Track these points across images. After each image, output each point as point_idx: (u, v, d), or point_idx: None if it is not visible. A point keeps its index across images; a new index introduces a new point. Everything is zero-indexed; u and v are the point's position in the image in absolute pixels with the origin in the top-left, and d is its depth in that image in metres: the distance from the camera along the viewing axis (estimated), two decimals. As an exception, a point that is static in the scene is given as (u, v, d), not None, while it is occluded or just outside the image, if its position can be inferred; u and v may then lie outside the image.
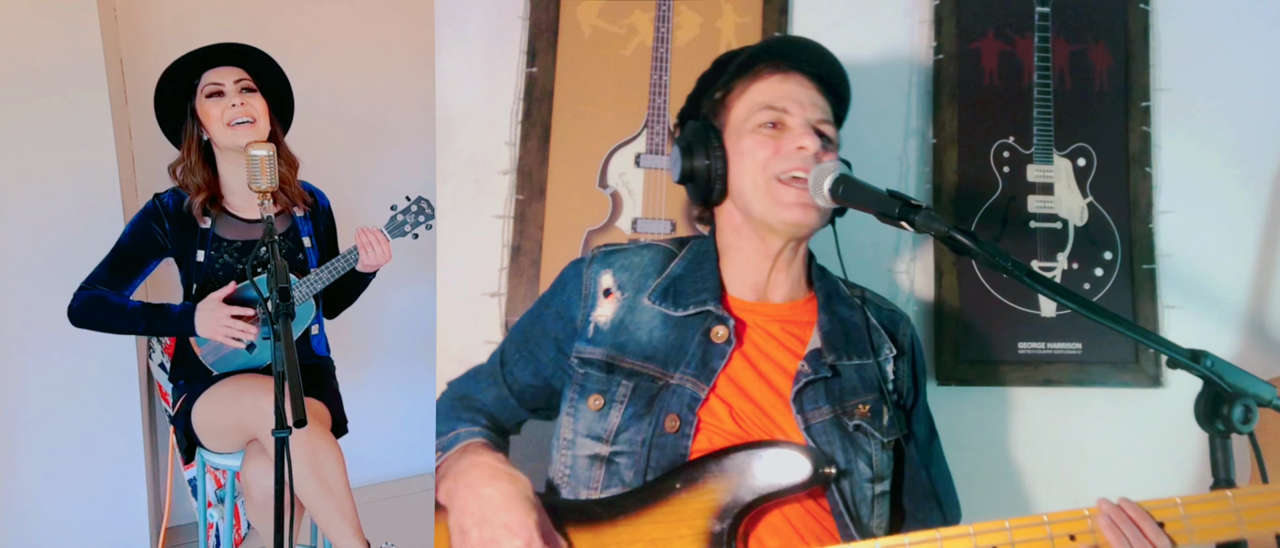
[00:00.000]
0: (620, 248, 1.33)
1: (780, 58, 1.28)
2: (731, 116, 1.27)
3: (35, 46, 2.26)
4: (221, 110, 1.91)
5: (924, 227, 1.02)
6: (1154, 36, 1.69)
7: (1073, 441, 1.64)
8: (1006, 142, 1.67)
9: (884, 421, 1.24)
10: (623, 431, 1.19)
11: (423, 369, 2.96)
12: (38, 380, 2.36)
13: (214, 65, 1.94)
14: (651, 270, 1.28)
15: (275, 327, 1.26)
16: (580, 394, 1.23)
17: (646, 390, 1.21)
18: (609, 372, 1.23)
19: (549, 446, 1.28)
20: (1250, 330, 1.67)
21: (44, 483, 2.41)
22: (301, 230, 2.06)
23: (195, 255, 1.96)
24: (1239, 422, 0.91)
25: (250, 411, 1.80)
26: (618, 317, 1.25)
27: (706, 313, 1.23)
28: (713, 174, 1.25)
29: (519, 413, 1.35)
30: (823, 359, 1.22)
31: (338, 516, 1.79)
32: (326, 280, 1.97)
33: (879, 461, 1.22)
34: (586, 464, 1.21)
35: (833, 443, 1.19)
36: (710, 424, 1.19)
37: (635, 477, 1.17)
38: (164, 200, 1.97)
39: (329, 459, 1.81)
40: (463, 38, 1.63)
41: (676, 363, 1.21)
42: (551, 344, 1.30)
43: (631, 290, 1.27)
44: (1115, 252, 1.66)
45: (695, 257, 1.29)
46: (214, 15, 2.72)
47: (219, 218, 1.98)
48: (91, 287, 1.94)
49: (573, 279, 1.31)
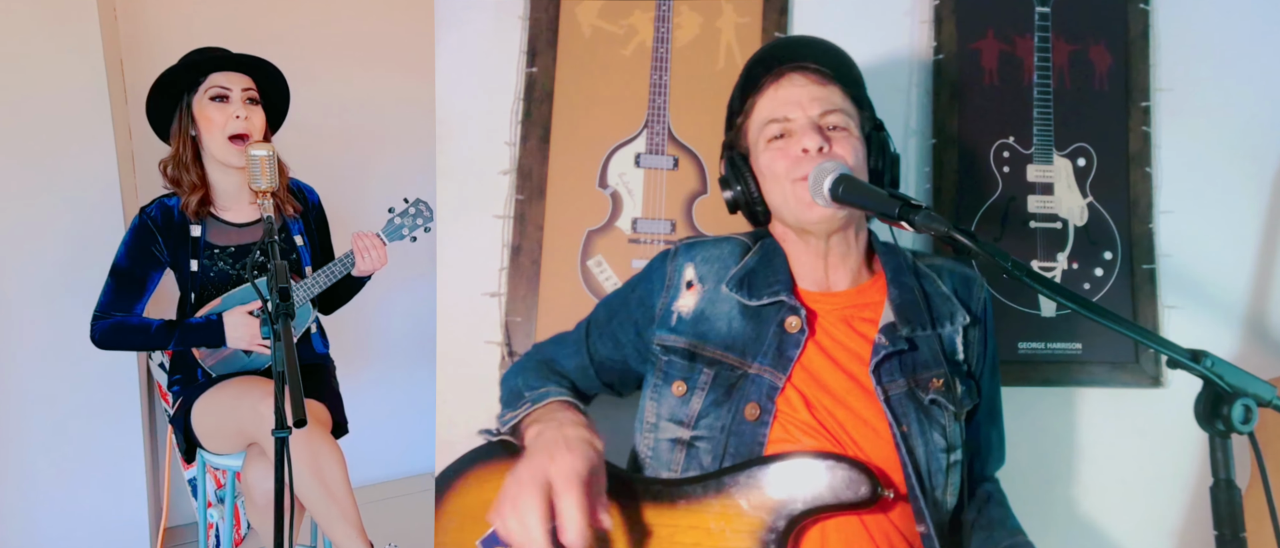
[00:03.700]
0: (702, 241, 1.38)
1: (773, 61, 1.32)
2: (749, 139, 1.33)
3: (35, 46, 2.26)
4: (224, 118, 1.90)
5: (924, 227, 1.02)
6: (1154, 36, 1.69)
7: (1073, 441, 1.64)
8: (1006, 141, 1.66)
9: (958, 392, 1.26)
10: (703, 416, 1.24)
11: (423, 369, 2.97)
12: (38, 381, 2.36)
13: (222, 69, 1.93)
14: (731, 261, 1.33)
15: (275, 327, 1.26)
16: (664, 380, 1.29)
17: (726, 379, 1.25)
18: (691, 359, 1.27)
19: (623, 425, 1.34)
20: (1250, 330, 1.67)
21: (44, 483, 2.41)
22: (293, 229, 2.06)
23: (189, 264, 1.95)
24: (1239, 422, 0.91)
25: (250, 415, 1.80)
26: (699, 307, 1.30)
27: (780, 303, 1.27)
28: (752, 199, 1.32)
29: (595, 384, 1.41)
30: (898, 332, 1.25)
31: (340, 518, 1.79)
32: (322, 285, 1.97)
33: (952, 432, 1.25)
34: (668, 447, 1.26)
35: (908, 416, 1.22)
36: (786, 413, 1.22)
37: (713, 461, 1.22)
38: (151, 215, 1.96)
39: (330, 462, 1.81)
40: (463, 38, 1.63)
41: (754, 353, 1.25)
42: (632, 328, 1.36)
43: (712, 281, 1.32)
44: (1115, 252, 1.66)
45: (766, 251, 1.33)
46: (214, 15, 2.72)
47: (208, 223, 1.97)
48: (105, 316, 1.94)
49: (658, 270, 1.37)
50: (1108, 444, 1.64)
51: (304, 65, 2.24)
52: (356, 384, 2.47)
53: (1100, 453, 1.64)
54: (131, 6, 2.60)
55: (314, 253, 2.09)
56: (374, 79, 2.97)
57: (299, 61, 2.16)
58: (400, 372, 3.13)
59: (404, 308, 3.05)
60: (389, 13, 2.99)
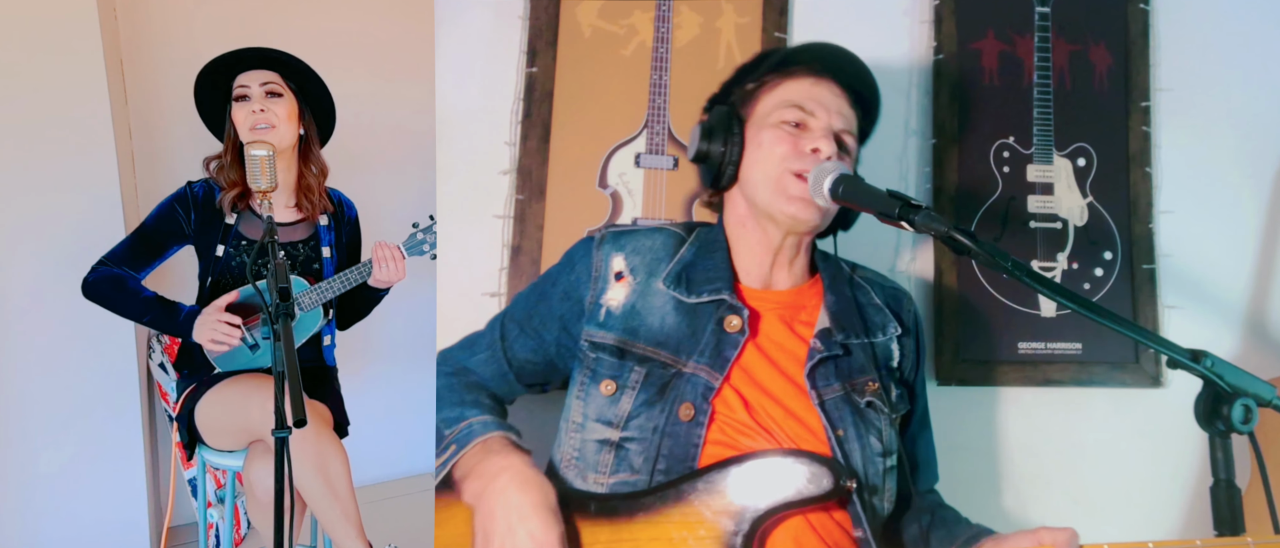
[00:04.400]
0: (630, 230, 1.34)
1: (817, 61, 1.31)
2: (758, 108, 1.30)
3: (35, 46, 2.26)
4: (245, 115, 1.94)
5: (924, 227, 1.02)
6: (1154, 36, 1.69)
7: (1073, 441, 1.64)
8: (1006, 141, 1.66)
9: (892, 396, 1.26)
10: (634, 417, 1.21)
11: (423, 370, 2.96)
12: (38, 380, 2.36)
13: (245, 68, 1.97)
14: (663, 254, 1.29)
15: (275, 327, 1.26)
16: (592, 378, 1.24)
17: (659, 378, 1.22)
18: (621, 357, 1.24)
19: (544, 423, 1.29)
20: (1250, 330, 1.67)
21: (45, 483, 2.41)
22: (323, 240, 2.07)
23: (215, 249, 1.97)
24: (1239, 422, 0.91)
25: (258, 414, 1.81)
26: (630, 301, 1.26)
27: (720, 301, 1.24)
28: (727, 159, 1.27)
29: (516, 389, 1.35)
30: (833, 338, 1.25)
31: (342, 518, 1.79)
32: (337, 290, 1.98)
33: (888, 436, 1.24)
34: (595, 448, 1.22)
35: (845, 420, 1.21)
36: (723, 414, 1.20)
37: (644, 463, 1.19)
38: (195, 189, 2.00)
39: (335, 461, 1.82)
40: (463, 38, 1.63)
41: (690, 351, 1.22)
42: (557, 323, 1.31)
43: (644, 274, 1.27)
44: (1115, 252, 1.66)
45: (704, 243, 1.30)
46: (214, 15, 2.72)
47: (244, 215, 2.00)
48: (110, 264, 1.96)
49: (582, 259, 1.32)
50: (1108, 444, 1.64)
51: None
52: (356, 384, 2.47)
53: (1100, 453, 1.64)
54: (131, 6, 2.60)
55: (340, 266, 2.10)
56: (374, 79, 2.97)
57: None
58: (400, 372, 3.12)
59: (404, 308, 3.04)
60: (389, 13, 2.99)
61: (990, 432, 1.65)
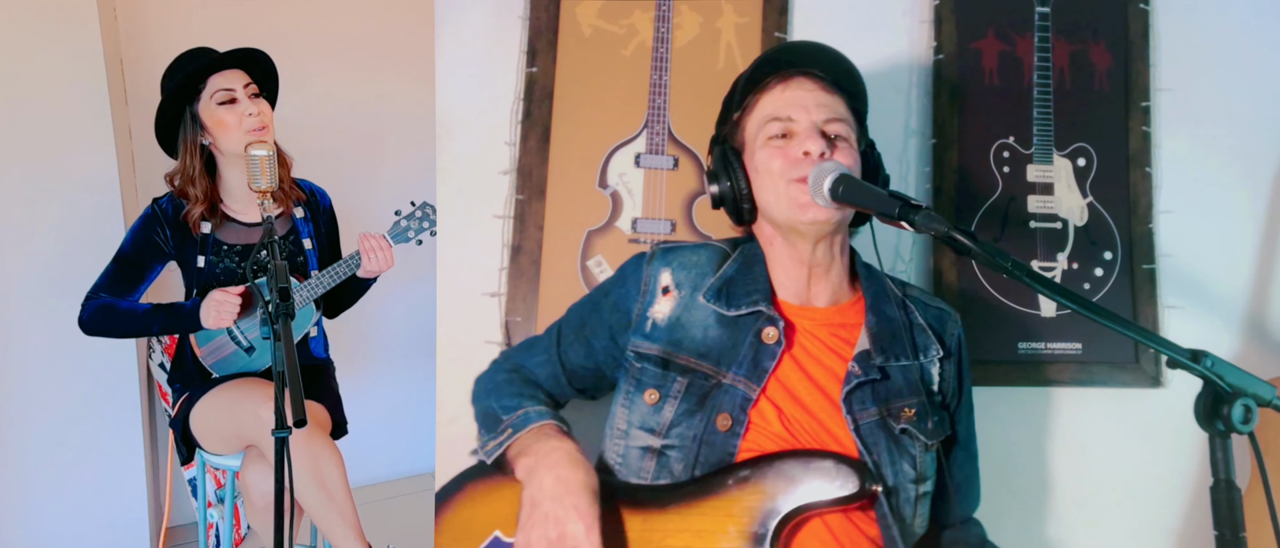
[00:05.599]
0: (679, 246, 1.36)
1: (778, 65, 1.31)
2: (746, 135, 1.31)
3: (35, 46, 2.26)
4: (238, 118, 1.89)
5: (924, 227, 1.02)
6: (1154, 36, 1.69)
7: (1073, 441, 1.64)
8: (1006, 141, 1.66)
9: (929, 424, 1.26)
10: (675, 425, 1.23)
11: (423, 370, 2.96)
12: (38, 380, 2.36)
13: (220, 69, 1.92)
14: (708, 269, 1.31)
15: (275, 327, 1.26)
16: (636, 388, 1.27)
17: (700, 388, 1.24)
18: (664, 368, 1.26)
19: (595, 429, 1.33)
20: (1250, 330, 1.67)
21: (44, 483, 2.41)
22: (301, 232, 2.05)
23: (196, 261, 1.95)
24: (1239, 422, 0.91)
25: (249, 418, 1.80)
26: (674, 314, 1.29)
27: (758, 313, 1.26)
28: (739, 195, 1.29)
29: (568, 391, 1.39)
30: (871, 361, 1.25)
31: (339, 520, 1.79)
32: (327, 285, 1.97)
33: (923, 463, 1.25)
34: (639, 455, 1.25)
35: (879, 445, 1.21)
36: (759, 425, 1.22)
37: (684, 470, 1.22)
38: (162, 206, 1.96)
39: (330, 464, 1.82)
40: (463, 38, 1.63)
41: (729, 362, 1.24)
42: (606, 333, 1.34)
43: (688, 289, 1.30)
44: (1115, 252, 1.66)
45: (746, 258, 1.32)
46: (213, 15, 2.72)
47: (220, 224, 1.97)
48: (97, 296, 1.93)
49: (633, 274, 1.35)
50: (1108, 444, 1.64)
51: (303, 65, 2.24)
52: (356, 384, 2.47)
53: (1100, 453, 1.63)
54: (131, 6, 2.60)
55: (322, 257, 2.09)
56: (373, 79, 2.97)
57: (298, 62, 2.16)
58: (400, 372, 3.13)
59: (404, 308, 3.04)
60: (388, 13, 2.99)
61: (990, 432, 1.65)
